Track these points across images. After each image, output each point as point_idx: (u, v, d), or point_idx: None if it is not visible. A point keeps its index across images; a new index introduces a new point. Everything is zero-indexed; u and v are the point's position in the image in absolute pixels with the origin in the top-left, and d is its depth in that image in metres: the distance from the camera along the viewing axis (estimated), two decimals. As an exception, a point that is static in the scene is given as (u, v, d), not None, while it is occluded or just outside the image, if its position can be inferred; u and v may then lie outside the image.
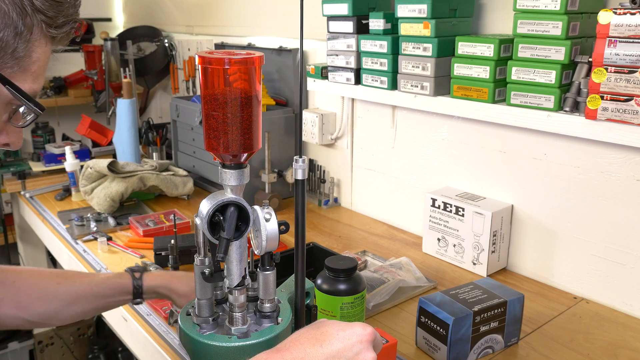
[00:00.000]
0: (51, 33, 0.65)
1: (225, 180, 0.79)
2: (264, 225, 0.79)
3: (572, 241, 1.34)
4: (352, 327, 0.70)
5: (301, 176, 0.77)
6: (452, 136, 1.55)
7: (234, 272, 0.81)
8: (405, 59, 1.49)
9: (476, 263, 1.44)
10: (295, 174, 0.77)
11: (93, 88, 2.76)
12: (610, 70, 1.10)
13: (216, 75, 0.72)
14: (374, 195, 1.84)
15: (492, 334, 1.10)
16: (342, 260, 1.11)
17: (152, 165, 1.98)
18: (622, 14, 1.07)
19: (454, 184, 1.58)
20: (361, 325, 0.70)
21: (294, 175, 0.78)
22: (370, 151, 1.82)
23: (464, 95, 1.39)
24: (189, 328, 0.82)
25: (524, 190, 1.42)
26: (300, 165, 0.76)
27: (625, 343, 1.15)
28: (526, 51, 1.25)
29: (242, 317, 0.81)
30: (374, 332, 0.71)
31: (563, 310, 1.28)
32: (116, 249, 1.61)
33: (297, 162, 0.76)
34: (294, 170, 0.77)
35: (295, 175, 0.77)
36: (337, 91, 1.73)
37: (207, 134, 0.76)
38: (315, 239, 1.61)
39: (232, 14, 2.34)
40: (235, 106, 0.74)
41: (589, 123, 1.16)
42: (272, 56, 2.03)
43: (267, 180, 1.88)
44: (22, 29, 0.61)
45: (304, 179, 0.77)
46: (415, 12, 1.42)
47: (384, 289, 1.28)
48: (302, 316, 0.86)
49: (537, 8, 1.21)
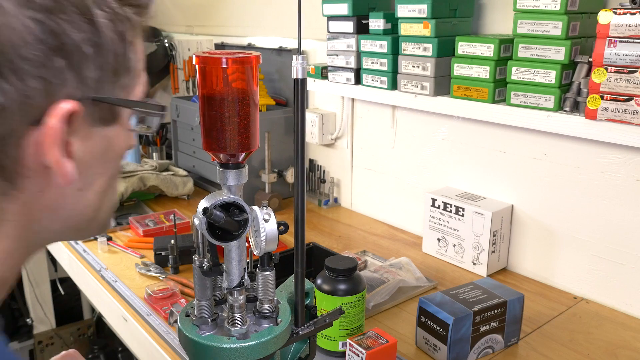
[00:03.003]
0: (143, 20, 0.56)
1: (224, 180, 0.79)
2: (263, 225, 0.79)
3: (572, 241, 1.34)
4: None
5: (301, 75, 0.74)
6: (452, 136, 1.55)
7: (233, 272, 0.81)
8: (405, 59, 1.48)
9: (476, 263, 1.44)
10: (295, 72, 0.73)
11: (93, 88, 2.76)
12: (610, 70, 1.10)
13: (214, 75, 0.72)
14: (374, 195, 1.84)
15: (492, 334, 1.10)
16: (342, 260, 1.11)
17: (152, 165, 1.98)
18: (622, 14, 1.06)
19: (454, 184, 1.58)
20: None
21: (294, 74, 0.72)
22: (370, 151, 1.82)
23: (464, 95, 1.38)
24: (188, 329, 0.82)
25: (524, 190, 1.42)
26: (301, 62, 0.74)
27: (625, 343, 1.15)
28: (526, 51, 1.25)
29: (241, 318, 0.81)
30: None
31: (563, 310, 1.27)
32: (116, 249, 1.61)
33: (296, 59, 0.73)
34: (293, 68, 0.73)
35: (296, 74, 0.73)
36: (337, 91, 1.73)
37: (204, 133, 0.76)
38: (315, 239, 1.61)
39: (232, 14, 2.33)
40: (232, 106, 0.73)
41: (589, 123, 1.16)
42: (272, 56, 2.03)
43: (267, 180, 1.88)
44: (124, 31, 0.52)
45: (304, 78, 0.74)
46: (415, 12, 1.42)
47: (384, 289, 1.28)
48: (301, 317, 0.86)
49: (537, 8, 1.21)
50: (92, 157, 0.53)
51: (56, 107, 0.47)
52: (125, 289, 1.38)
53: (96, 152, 0.53)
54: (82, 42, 0.47)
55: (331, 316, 0.87)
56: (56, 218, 0.53)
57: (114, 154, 0.55)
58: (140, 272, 1.46)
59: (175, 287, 1.35)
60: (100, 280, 1.46)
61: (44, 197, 0.51)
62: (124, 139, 0.56)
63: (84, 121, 0.50)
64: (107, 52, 0.49)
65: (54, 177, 0.50)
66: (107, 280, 1.44)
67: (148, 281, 1.42)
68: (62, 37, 0.46)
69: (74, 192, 0.53)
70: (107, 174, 0.56)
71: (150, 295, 1.31)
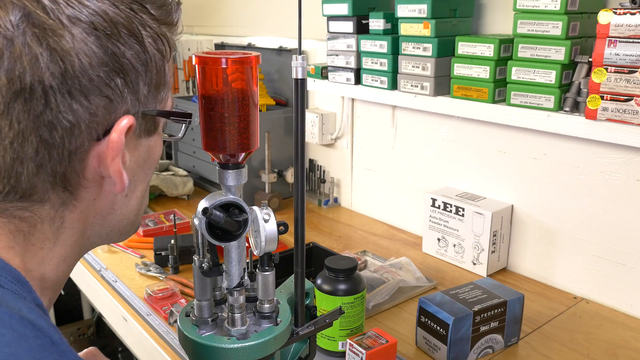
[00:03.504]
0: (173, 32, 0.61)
1: (224, 180, 0.79)
2: (263, 225, 0.79)
3: (572, 241, 1.34)
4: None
5: (301, 75, 0.75)
6: (452, 136, 1.55)
7: (233, 272, 0.81)
8: (405, 59, 1.48)
9: (476, 263, 1.44)
10: (295, 72, 0.73)
11: (93, 88, 2.76)
12: (610, 70, 1.10)
13: (213, 75, 0.72)
14: (374, 195, 1.84)
15: (492, 334, 1.10)
16: (342, 260, 1.11)
17: (152, 165, 1.98)
18: (622, 14, 1.06)
19: (454, 184, 1.58)
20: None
21: (294, 74, 0.73)
22: (370, 151, 1.82)
23: (464, 95, 1.38)
24: (188, 329, 0.82)
25: (524, 190, 1.42)
26: (300, 62, 0.74)
27: (625, 343, 1.15)
28: (526, 51, 1.25)
29: (241, 318, 0.81)
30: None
31: (563, 310, 1.27)
32: (116, 249, 1.61)
33: (296, 59, 0.73)
34: (293, 68, 0.73)
35: (296, 74, 0.74)
36: (337, 91, 1.73)
37: (204, 133, 0.76)
38: (315, 239, 1.61)
39: (232, 14, 2.33)
40: (232, 106, 0.73)
41: (589, 123, 1.16)
42: (272, 56, 2.03)
43: (267, 180, 1.88)
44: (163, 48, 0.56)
45: (304, 78, 0.75)
46: (415, 12, 1.42)
47: (384, 289, 1.28)
48: (301, 317, 0.86)
49: (537, 8, 1.21)
50: (137, 166, 0.58)
51: (119, 123, 0.51)
52: (125, 289, 1.38)
53: (140, 161, 0.58)
54: (135, 61, 0.52)
55: (331, 316, 0.87)
56: (106, 223, 0.58)
57: (152, 161, 0.61)
58: (140, 272, 1.46)
59: (175, 287, 1.35)
60: (100, 280, 1.46)
61: (96, 205, 0.56)
62: (159, 147, 0.62)
63: (133, 133, 0.55)
64: (152, 68, 0.54)
65: (108, 186, 0.55)
66: (107, 280, 1.44)
67: (148, 281, 1.42)
68: (120, 58, 0.51)
69: (122, 198, 0.58)
70: (146, 180, 0.62)
71: (150, 295, 1.31)
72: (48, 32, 0.46)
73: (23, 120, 0.47)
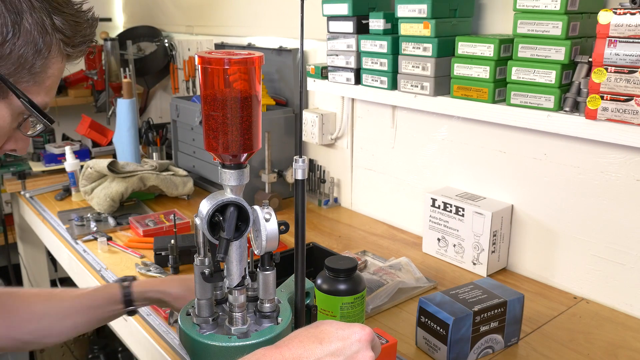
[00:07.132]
0: (67, 51, 0.70)
1: (225, 181, 0.79)
2: (264, 225, 0.79)
3: (572, 241, 1.34)
4: (351, 327, 0.70)
5: (301, 176, 0.77)
6: (452, 136, 1.55)
7: (234, 272, 0.81)
8: (405, 59, 1.49)
9: (476, 263, 1.44)
10: (295, 174, 0.77)
11: (93, 88, 2.76)
12: (610, 70, 1.10)
13: (216, 76, 0.72)
14: (374, 195, 1.84)
15: (492, 334, 1.10)
16: (342, 260, 1.11)
17: (152, 165, 1.98)
18: (622, 14, 1.07)
19: (454, 184, 1.58)
20: (360, 325, 0.70)
21: (293, 175, 0.78)
22: (370, 151, 1.82)
23: (464, 95, 1.39)
24: (189, 328, 0.82)
25: (524, 190, 1.42)
26: (300, 165, 0.76)
27: (625, 343, 1.15)
28: (526, 51, 1.25)
29: (242, 317, 0.81)
30: (372, 332, 0.71)
31: (563, 310, 1.28)
32: (116, 249, 1.61)
33: (297, 162, 0.76)
34: (294, 170, 0.77)
35: (295, 175, 0.77)
36: (337, 91, 1.73)
37: (206, 134, 0.76)
38: (315, 239, 1.61)
39: (232, 14, 2.34)
40: (235, 106, 0.73)
41: (589, 123, 1.16)
42: (272, 56, 2.03)
43: (267, 180, 1.88)
44: (42, 46, 0.66)
45: (304, 179, 0.77)
46: (415, 12, 1.42)
47: (382, 291, 1.28)
48: (302, 316, 0.86)
49: (537, 8, 1.21)
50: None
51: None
52: (126, 288, 1.38)
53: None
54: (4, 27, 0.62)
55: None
56: None
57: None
58: (140, 272, 1.46)
59: (175, 287, 1.35)
60: (100, 280, 1.46)
61: None
62: (6, 119, 0.69)
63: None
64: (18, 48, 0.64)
65: None
66: (107, 280, 1.44)
67: (148, 281, 1.42)
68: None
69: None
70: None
71: (151, 295, 1.31)
72: None
73: None
